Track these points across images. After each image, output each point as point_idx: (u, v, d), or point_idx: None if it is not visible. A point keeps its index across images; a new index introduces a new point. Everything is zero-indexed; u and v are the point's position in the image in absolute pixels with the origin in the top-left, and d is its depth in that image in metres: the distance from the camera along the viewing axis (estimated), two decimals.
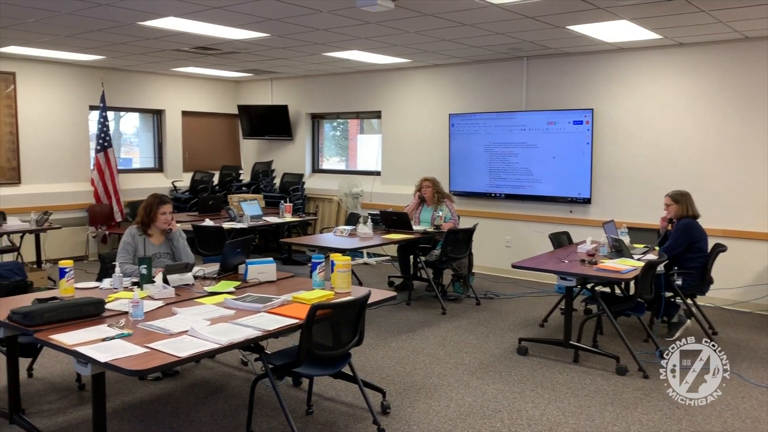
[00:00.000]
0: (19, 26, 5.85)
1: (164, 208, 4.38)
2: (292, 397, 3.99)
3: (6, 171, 8.01)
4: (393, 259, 7.95)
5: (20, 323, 3.03)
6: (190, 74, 9.54)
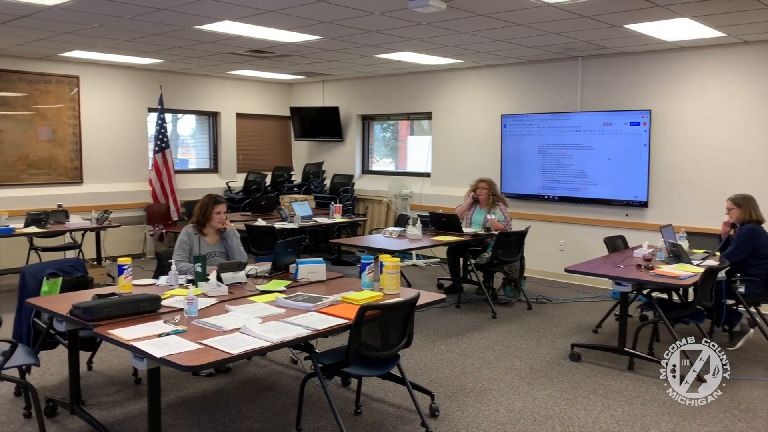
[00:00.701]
0: (84, 31, 6.08)
1: (219, 208, 4.47)
2: (341, 396, 4.01)
3: (69, 171, 8.33)
4: (442, 261, 7.90)
5: (81, 318, 3.13)
6: (245, 77, 9.73)
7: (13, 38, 6.47)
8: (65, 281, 3.93)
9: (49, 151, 8.12)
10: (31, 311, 3.71)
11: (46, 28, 5.95)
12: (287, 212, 7.46)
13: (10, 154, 7.78)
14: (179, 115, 9.86)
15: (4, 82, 7.68)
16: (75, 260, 4.30)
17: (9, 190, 7.72)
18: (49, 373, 4.31)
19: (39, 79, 7.97)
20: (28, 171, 7.96)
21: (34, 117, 7.96)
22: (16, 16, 5.43)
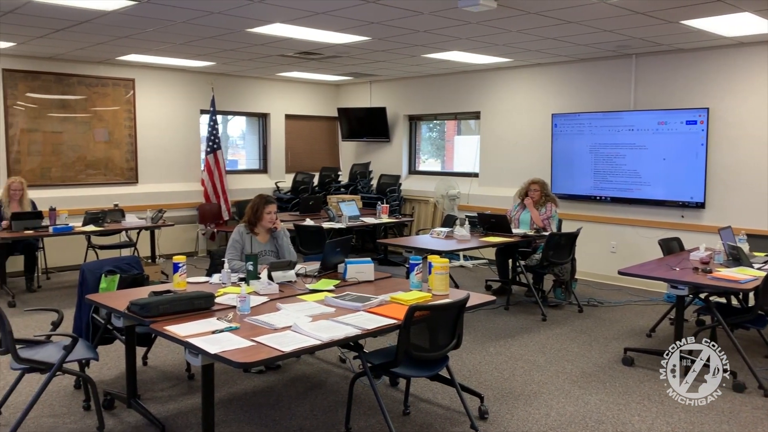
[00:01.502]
0: (140, 35, 6.26)
1: (270, 208, 4.53)
2: (389, 396, 4.01)
3: (125, 171, 8.59)
4: (490, 262, 7.83)
5: (138, 314, 3.22)
6: (294, 78, 9.85)
7: (74, 43, 6.71)
8: (122, 278, 4.05)
9: (106, 153, 8.39)
10: (90, 307, 3.83)
11: (105, 33, 6.15)
12: (335, 212, 7.51)
13: (69, 155, 8.08)
14: (229, 117, 10.05)
15: (65, 85, 7.97)
16: (132, 258, 4.43)
17: (68, 189, 8.01)
18: (106, 368, 4.44)
19: (97, 82, 8.24)
20: (86, 171, 8.25)
21: (92, 119, 8.24)
22: (76, 22, 5.63)
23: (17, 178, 6.91)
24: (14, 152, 7.64)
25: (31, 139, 7.76)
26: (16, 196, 6.79)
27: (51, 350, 3.51)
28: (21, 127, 7.67)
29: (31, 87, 7.73)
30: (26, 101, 7.70)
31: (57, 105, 7.95)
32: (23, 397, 3.80)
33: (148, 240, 7.66)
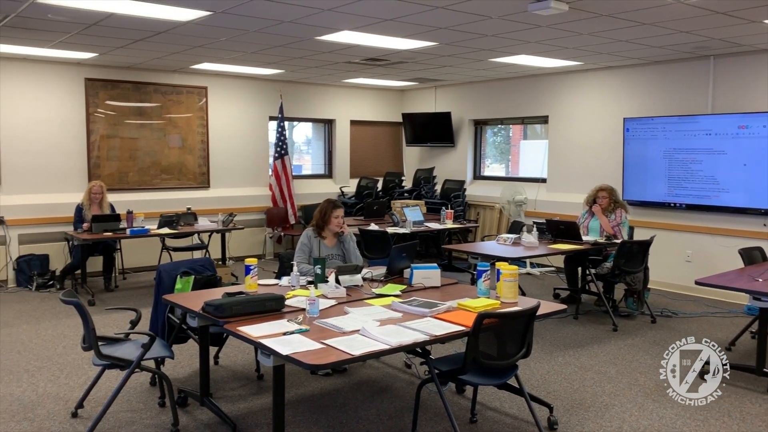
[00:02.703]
0: (213, 44, 6.46)
1: (337, 212, 4.59)
2: (455, 403, 3.98)
3: (197, 176, 8.88)
4: (558, 270, 7.67)
5: (212, 314, 3.31)
6: (359, 85, 9.95)
7: (151, 53, 6.99)
8: (197, 279, 4.18)
9: (180, 158, 8.69)
10: (166, 307, 3.97)
11: (180, 43, 6.38)
12: (399, 217, 7.52)
13: (145, 161, 8.41)
14: (295, 123, 10.24)
15: (142, 93, 8.32)
16: (205, 260, 4.57)
17: (144, 193, 8.34)
18: (179, 366, 4.59)
19: (171, 90, 8.56)
20: (160, 176, 8.57)
21: (167, 126, 8.56)
22: (154, 32, 5.87)
23: (98, 182, 7.26)
24: (94, 157, 8.02)
25: (110, 144, 8.13)
26: (96, 200, 7.12)
27: (130, 348, 3.65)
28: (101, 133, 8.05)
29: (111, 95, 8.11)
30: (106, 109, 8.07)
31: (134, 112, 8.30)
32: (103, 392, 3.96)
33: (219, 242, 7.89)
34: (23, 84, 7.47)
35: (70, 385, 4.25)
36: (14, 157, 7.43)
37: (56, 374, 4.47)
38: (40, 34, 5.93)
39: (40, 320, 5.91)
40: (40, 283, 7.18)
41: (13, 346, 5.10)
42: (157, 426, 3.63)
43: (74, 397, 3.98)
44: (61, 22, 5.37)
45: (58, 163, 7.72)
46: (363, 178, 10.05)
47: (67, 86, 7.76)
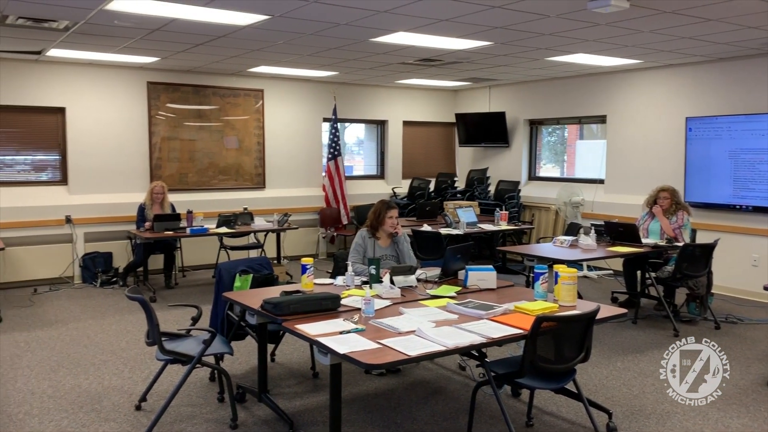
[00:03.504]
0: (270, 48, 6.58)
1: (391, 213, 4.61)
2: (511, 407, 3.93)
3: (253, 177, 9.05)
4: (616, 273, 7.50)
5: (271, 312, 3.38)
6: (412, 85, 9.95)
7: (210, 57, 7.17)
8: (255, 278, 4.27)
9: (236, 159, 8.88)
10: (225, 304, 4.07)
11: (239, 47, 6.52)
12: (452, 218, 7.49)
13: (203, 162, 8.63)
14: (346, 124, 10.31)
15: (201, 96, 8.54)
16: (263, 259, 4.65)
17: (202, 194, 8.56)
18: (237, 362, 4.69)
19: (229, 93, 8.75)
20: (218, 177, 8.77)
21: (225, 128, 8.76)
22: (214, 37, 6.01)
23: (159, 183, 7.49)
24: (156, 159, 8.28)
25: (170, 146, 8.38)
26: (158, 200, 7.35)
27: (191, 344, 3.75)
28: (162, 135, 8.30)
29: (171, 98, 8.35)
30: (167, 111, 8.32)
31: (193, 115, 8.52)
32: (164, 386, 4.09)
33: (274, 242, 8.03)
34: (89, 88, 7.77)
35: (133, 379, 4.40)
36: (81, 158, 7.75)
37: (120, 368, 4.64)
38: (106, 40, 6.16)
39: (105, 315, 6.14)
40: (104, 279, 7.46)
41: (80, 340, 5.32)
42: (217, 421, 3.72)
43: (137, 391, 4.11)
44: (126, 27, 5.56)
45: (121, 164, 8.01)
46: (415, 179, 10.05)
47: (130, 90, 8.03)
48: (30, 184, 7.63)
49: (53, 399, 4.04)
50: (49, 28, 5.55)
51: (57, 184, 7.76)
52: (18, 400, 4.00)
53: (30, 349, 5.05)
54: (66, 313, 6.20)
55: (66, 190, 7.75)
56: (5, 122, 7.44)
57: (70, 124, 7.69)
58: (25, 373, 4.51)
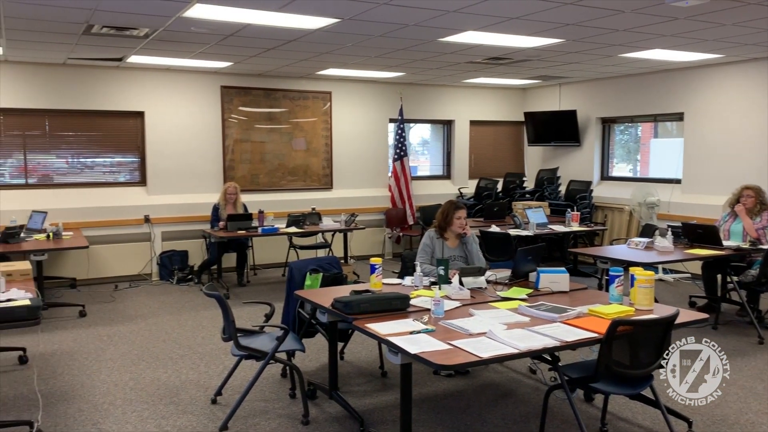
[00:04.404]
0: (339, 50, 6.66)
1: (459, 213, 4.58)
2: (584, 412, 3.84)
3: (321, 178, 9.19)
4: (694, 276, 7.19)
5: (342, 311, 3.42)
6: (479, 84, 9.86)
7: (281, 60, 7.33)
8: (325, 277, 4.33)
9: (305, 160, 9.04)
10: (296, 302, 4.15)
11: (309, 50, 6.64)
12: (521, 219, 7.38)
13: (273, 163, 8.83)
14: (411, 125, 10.31)
15: (272, 99, 8.74)
16: (332, 258, 4.72)
17: (272, 194, 8.76)
18: (307, 359, 4.77)
19: (299, 95, 8.92)
20: (286, 178, 8.96)
21: (293, 129, 8.93)
22: (285, 41, 6.14)
23: (232, 184, 7.72)
24: (229, 160, 8.53)
25: (242, 148, 8.61)
26: (231, 200, 7.58)
27: (265, 340, 3.85)
28: (234, 137, 8.55)
29: (243, 101, 8.58)
30: (239, 114, 8.56)
31: (264, 117, 8.74)
32: (238, 381, 4.21)
33: (342, 241, 8.13)
34: (167, 93, 8.09)
35: (209, 373, 4.55)
36: (158, 160, 8.08)
37: (197, 362, 4.80)
38: (183, 46, 6.40)
39: (181, 311, 6.37)
40: (180, 277, 7.74)
41: (158, 335, 5.54)
42: (289, 416, 3.80)
43: (213, 385, 4.25)
44: (202, 34, 5.76)
45: (196, 165, 8.30)
46: (482, 179, 9.95)
47: (205, 94, 8.31)
48: (111, 185, 8.02)
49: (134, 391, 4.22)
50: (130, 36, 5.82)
51: (136, 185, 8.12)
52: (102, 391, 4.21)
53: (112, 343, 5.30)
54: (145, 309, 6.47)
55: (145, 190, 8.09)
56: (89, 126, 7.85)
57: (149, 128, 8.02)
58: (108, 365, 4.74)
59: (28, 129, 7.55)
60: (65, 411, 3.88)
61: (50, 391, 4.20)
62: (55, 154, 7.74)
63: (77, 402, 4.02)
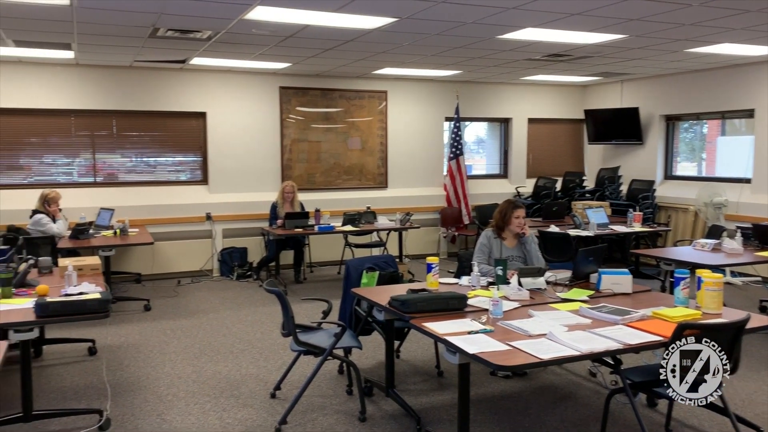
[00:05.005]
0: (396, 50, 6.68)
1: (518, 213, 4.52)
2: (647, 417, 3.73)
3: (376, 177, 9.24)
4: (765, 280, 6.89)
5: (399, 309, 3.43)
6: (537, 82, 9.71)
7: (338, 60, 7.40)
8: (381, 275, 4.34)
9: (360, 159, 9.10)
10: (353, 299, 4.18)
11: (366, 50, 6.68)
12: (580, 219, 7.22)
13: (328, 162, 8.93)
14: (466, 123, 10.22)
15: (328, 99, 8.84)
16: (388, 257, 4.73)
17: (327, 193, 8.86)
18: (364, 357, 4.80)
19: (355, 95, 8.99)
20: (341, 177, 9.04)
21: (349, 129, 9.00)
22: (343, 41, 6.20)
23: (290, 182, 7.85)
24: (286, 159, 8.67)
25: (299, 148, 8.74)
26: (288, 198, 7.71)
27: (322, 336, 3.90)
28: (292, 137, 8.68)
29: (301, 102, 8.71)
30: (296, 114, 8.69)
31: (321, 117, 8.84)
32: (296, 377, 4.27)
33: (396, 240, 8.14)
34: (227, 94, 8.29)
35: (268, 368, 4.64)
36: (219, 159, 8.28)
37: (256, 357, 4.91)
38: (244, 48, 6.54)
39: (241, 307, 6.52)
40: (240, 273, 7.92)
41: (219, 330, 5.69)
42: (346, 413, 3.84)
43: (272, 379, 4.34)
44: (262, 35, 5.87)
45: (255, 164, 8.47)
46: (540, 178, 9.79)
47: (264, 95, 8.47)
48: (174, 183, 8.27)
49: (197, 383, 4.35)
50: (193, 39, 5.98)
51: (198, 184, 8.35)
52: (166, 383, 4.35)
53: (176, 337, 5.47)
54: (206, 304, 6.65)
55: (206, 189, 8.32)
56: (153, 126, 8.12)
57: (210, 128, 8.24)
58: (171, 358, 4.90)
59: (96, 129, 7.88)
60: (132, 401, 4.03)
61: (117, 382, 4.37)
62: (121, 154, 8.04)
63: (143, 393, 4.17)
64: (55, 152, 7.73)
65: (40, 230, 6.30)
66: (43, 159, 7.69)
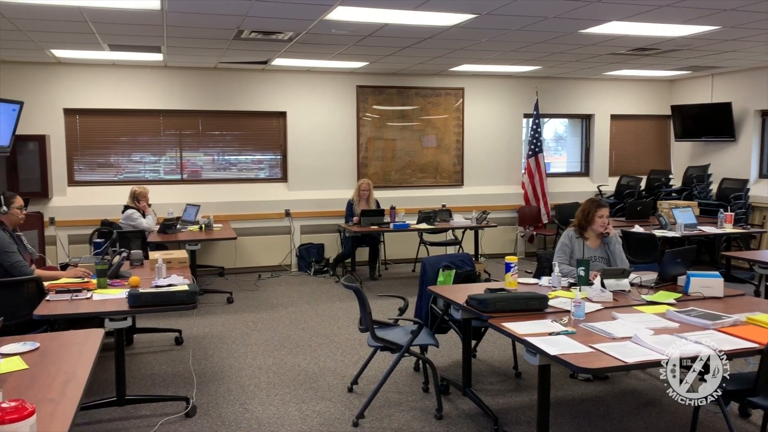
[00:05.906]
0: (474, 46, 6.61)
1: (602, 212, 4.39)
2: (739, 427, 3.55)
3: (452, 174, 9.19)
4: None
5: (477, 308, 3.40)
6: (621, 77, 9.38)
7: (415, 58, 7.40)
8: (457, 273, 4.32)
9: (435, 157, 9.08)
10: (429, 297, 4.18)
11: (443, 47, 6.65)
12: (666, 219, 6.93)
13: (403, 160, 8.95)
14: (545, 120, 9.99)
15: (404, 97, 8.86)
16: (465, 255, 4.70)
17: (401, 191, 8.88)
18: (440, 355, 4.80)
19: (431, 93, 8.97)
20: (417, 174, 9.04)
21: (425, 127, 8.99)
22: (420, 39, 6.20)
23: (366, 180, 7.93)
24: (362, 157, 8.76)
25: (375, 146, 8.81)
26: (364, 196, 7.79)
27: (399, 333, 3.92)
28: (368, 136, 8.76)
29: (377, 100, 8.77)
30: (373, 113, 8.76)
31: (396, 115, 8.88)
32: (373, 372, 4.32)
33: (472, 239, 8.07)
34: (307, 93, 8.46)
35: (345, 362, 4.71)
36: (298, 157, 8.47)
37: (333, 351, 4.99)
38: (323, 48, 6.65)
39: (318, 302, 6.65)
40: (317, 269, 8.08)
41: (297, 323, 5.82)
42: (422, 410, 3.85)
43: (349, 374, 4.40)
44: (342, 35, 5.95)
45: (332, 162, 8.60)
46: (624, 177, 9.46)
47: (341, 94, 8.59)
48: (256, 181, 8.52)
49: (277, 375, 4.47)
50: (275, 40, 6.14)
51: (278, 181, 8.57)
52: (248, 374, 4.49)
53: (257, 329, 5.64)
54: (285, 298, 6.82)
55: (285, 186, 8.52)
56: (235, 126, 8.40)
57: (290, 127, 8.44)
58: (253, 350, 5.05)
59: (183, 128, 8.22)
60: (216, 390, 4.19)
61: (203, 371, 4.55)
62: (205, 152, 8.36)
63: (226, 383, 4.32)
64: (144, 150, 8.13)
65: (131, 225, 6.63)
66: (132, 157, 8.11)
